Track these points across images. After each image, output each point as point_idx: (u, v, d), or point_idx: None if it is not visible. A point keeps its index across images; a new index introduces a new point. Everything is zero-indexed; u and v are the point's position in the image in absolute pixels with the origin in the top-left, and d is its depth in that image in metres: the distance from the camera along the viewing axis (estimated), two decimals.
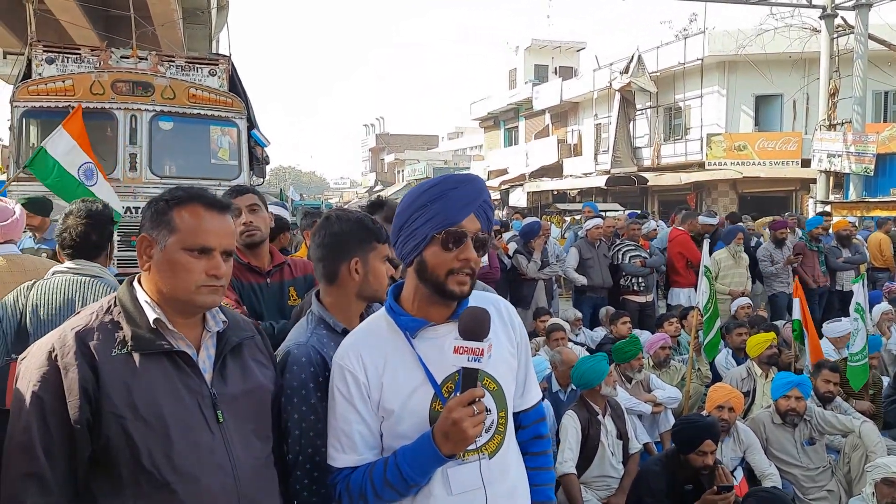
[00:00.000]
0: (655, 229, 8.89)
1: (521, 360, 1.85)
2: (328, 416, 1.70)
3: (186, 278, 1.60)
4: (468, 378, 1.54)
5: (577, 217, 16.16)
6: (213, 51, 20.24)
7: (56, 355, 1.51)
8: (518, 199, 27.12)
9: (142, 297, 1.63)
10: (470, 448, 1.62)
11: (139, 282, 1.67)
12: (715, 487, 3.57)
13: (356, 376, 1.65)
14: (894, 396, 5.88)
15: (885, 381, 5.95)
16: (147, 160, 7.98)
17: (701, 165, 21.67)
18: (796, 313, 5.78)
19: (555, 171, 28.08)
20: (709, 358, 5.97)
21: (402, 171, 52.92)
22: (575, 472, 3.94)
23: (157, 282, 1.62)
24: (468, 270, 1.64)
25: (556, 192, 27.11)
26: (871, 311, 6.63)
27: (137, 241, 1.65)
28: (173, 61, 8.33)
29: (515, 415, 1.84)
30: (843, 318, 6.13)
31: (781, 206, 20.52)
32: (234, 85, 8.66)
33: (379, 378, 1.64)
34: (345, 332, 1.98)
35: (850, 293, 6.04)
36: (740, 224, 9.20)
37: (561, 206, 22.47)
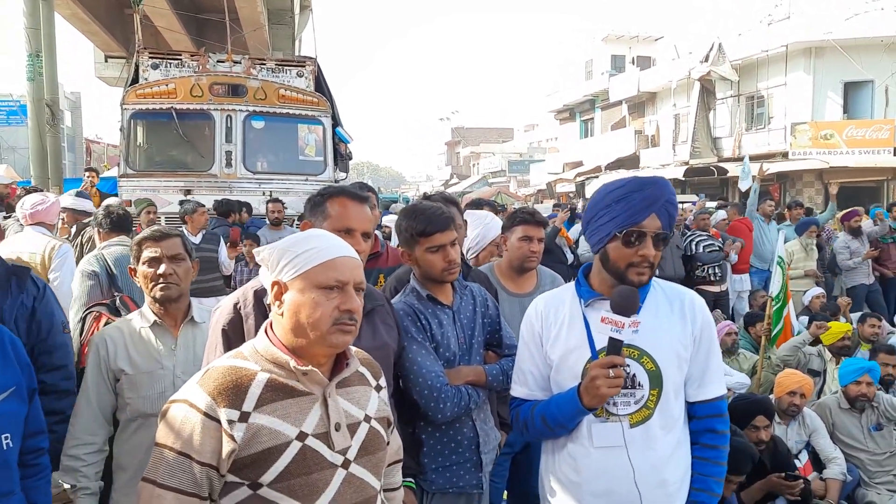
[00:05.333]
0: (725, 219, 8.86)
1: (699, 353, 1.98)
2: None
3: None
4: (613, 346, 1.81)
5: None
6: (297, 49, 21.04)
7: (240, 306, 1.96)
8: (593, 190, 26.97)
9: None
10: (616, 412, 1.89)
11: None
12: (784, 473, 3.74)
13: (533, 324, 2.02)
14: None
15: None
16: (241, 157, 8.59)
17: (784, 155, 21.03)
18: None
19: (631, 162, 27.76)
20: (771, 346, 6.02)
21: (478, 164, 53.17)
22: None
23: None
24: (646, 264, 1.87)
25: None
26: None
27: (301, 225, 2.15)
28: (264, 64, 8.91)
29: (691, 405, 2.00)
30: None
31: (872, 196, 19.71)
32: (320, 84, 9.17)
33: (549, 330, 1.98)
34: (429, 297, 2.46)
35: None
36: (815, 217, 9.09)
37: None
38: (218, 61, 8.77)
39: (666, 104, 26.78)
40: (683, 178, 23.38)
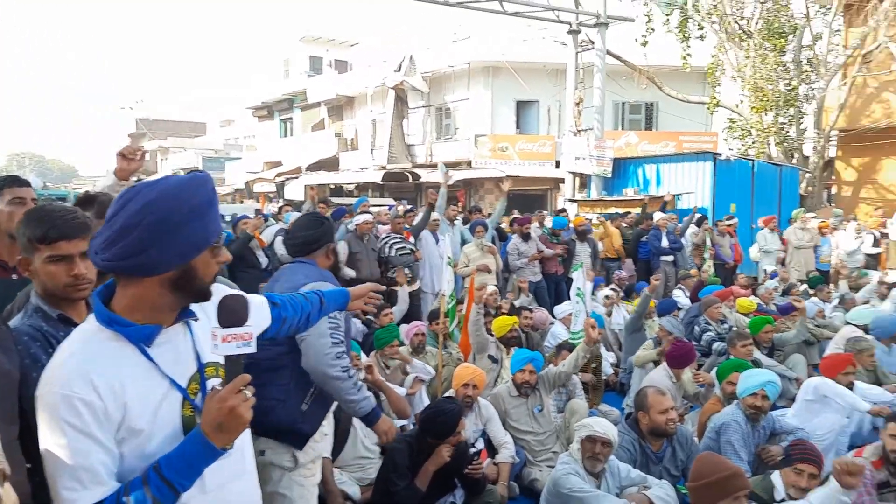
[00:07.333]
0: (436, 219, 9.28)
1: None
2: (57, 455, 1.46)
3: None
4: (234, 364, 1.56)
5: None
6: None
7: None
8: (294, 191, 26.77)
9: None
10: None
11: None
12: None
13: (90, 402, 1.46)
14: (625, 366, 6.85)
15: (606, 354, 6.88)
16: None
17: (469, 164, 22.98)
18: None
19: (332, 164, 28.13)
20: (454, 341, 6.45)
21: (167, 159, 49.65)
22: (328, 455, 4.08)
23: None
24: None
25: (332, 186, 27.19)
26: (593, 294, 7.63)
27: None
28: None
29: None
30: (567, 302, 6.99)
31: (539, 203, 22.44)
32: None
33: (119, 399, 1.48)
34: (60, 318, 2.04)
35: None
36: (482, 219, 9.94)
37: (337, 199, 22.54)
38: None
39: (364, 109, 27.60)
40: (381, 182, 24.32)
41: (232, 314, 1.57)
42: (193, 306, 1.66)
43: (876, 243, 12.92)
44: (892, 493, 4.09)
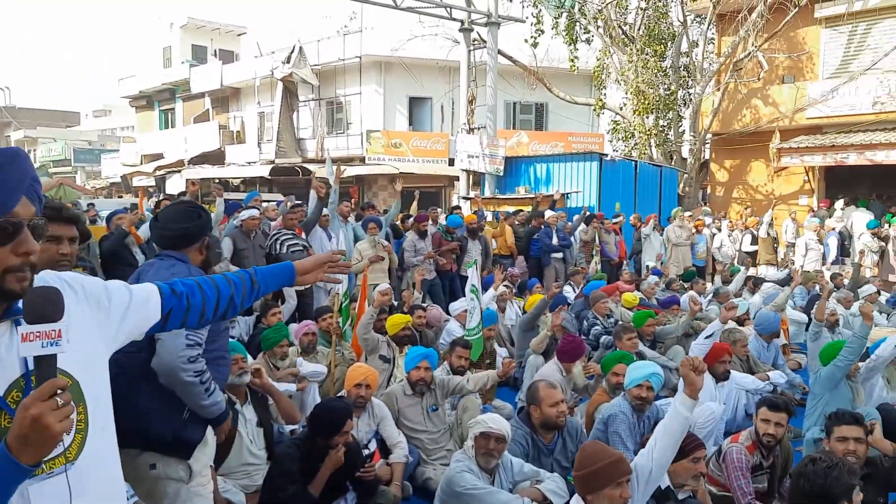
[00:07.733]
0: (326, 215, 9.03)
1: (124, 333, 1.69)
2: None
3: None
4: (45, 367, 1.35)
5: None
6: None
7: None
8: (176, 186, 25.52)
9: None
10: (54, 455, 1.41)
11: None
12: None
13: None
14: (521, 359, 6.90)
15: (499, 350, 6.92)
16: None
17: (362, 160, 22.69)
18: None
19: (217, 157, 27.03)
20: (346, 340, 6.30)
21: (35, 150, 46.25)
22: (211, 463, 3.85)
23: None
24: (28, 265, 1.43)
25: (217, 181, 26.14)
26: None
27: None
28: None
29: None
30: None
31: (433, 200, 22.47)
32: None
33: None
34: None
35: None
36: (375, 216, 9.82)
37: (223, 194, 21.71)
38: None
39: (251, 101, 26.70)
40: (270, 177, 23.61)
41: (36, 309, 1.38)
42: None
43: (754, 241, 13.83)
44: (764, 475, 4.33)
